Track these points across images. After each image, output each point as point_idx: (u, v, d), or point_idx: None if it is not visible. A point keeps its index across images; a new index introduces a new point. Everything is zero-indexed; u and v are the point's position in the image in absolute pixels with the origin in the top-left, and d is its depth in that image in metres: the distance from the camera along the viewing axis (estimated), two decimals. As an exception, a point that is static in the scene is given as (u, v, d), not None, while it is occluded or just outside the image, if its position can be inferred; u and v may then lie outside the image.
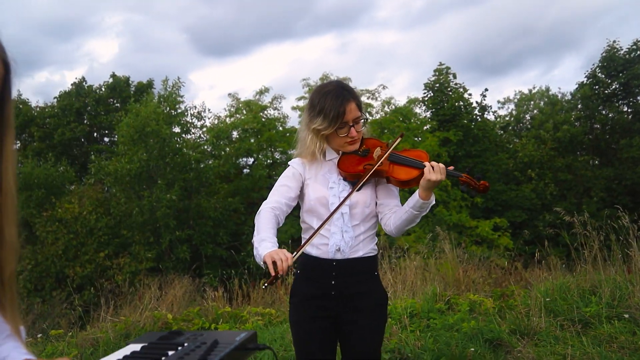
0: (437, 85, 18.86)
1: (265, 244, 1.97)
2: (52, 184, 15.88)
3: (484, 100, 19.73)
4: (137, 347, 1.34)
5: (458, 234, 15.85)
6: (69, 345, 5.27)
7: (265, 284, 1.95)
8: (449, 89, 18.80)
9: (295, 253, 1.98)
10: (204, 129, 18.67)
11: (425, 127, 18.44)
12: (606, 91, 20.17)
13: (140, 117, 14.32)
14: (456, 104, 18.38)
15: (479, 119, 19.88)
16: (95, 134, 25.31)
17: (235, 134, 19.54)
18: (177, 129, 16.70)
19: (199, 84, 48.27)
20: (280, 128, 20.21)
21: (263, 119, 19.68)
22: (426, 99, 19.13)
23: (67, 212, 13.57)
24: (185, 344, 1.33)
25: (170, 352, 1.27)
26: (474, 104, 19.40)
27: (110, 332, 5.38)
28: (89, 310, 8.58)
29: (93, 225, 13.46)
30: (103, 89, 24.77)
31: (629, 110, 20.55)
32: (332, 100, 2.11)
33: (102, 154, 21.68)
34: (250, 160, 20.12)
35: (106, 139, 25.13)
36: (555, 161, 19.88)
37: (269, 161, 19.89)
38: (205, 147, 17.77)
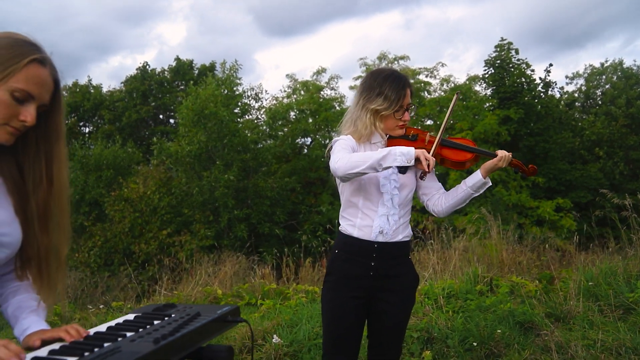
0: (498, 61, 18.22)
1: (394, 148, 2.05)
2: (119, 165, 16.77)
3: (548, 76, 18.86)
4: (131, 316, 1.50)
5: (518, 214, 15.44)
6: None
7: (422, 176, 2.23)
8: (510, 65, 18.13)
9: (432, 154, 2.18)
10: (262, 110, 19.04)
11: (485, 105, 17.91)
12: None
13: (199, 99, 14.78)
14: (518, 80, 17.71)
15: (543, 96, 19.07)
16: (161, 116, 26.40)
17: (292, 114, 19.77)
18: (236, 110, 17.13)
19: (264, 64, 48.78)
20: (338, 108, 20.24)
21: (320, 100, 19.78)
22: (486, 76, 18.55)
23: (132, 191, 14.31)
24: (173, 315, 1.48)
25: (157, 322, 1.42)
26: (537, 80, 18.61)
27: (163, 305, 5.73)
28: (150, 284, 9.12)
29: (156, 204, 14.13)
30: (167, 73, 25.76)
31: None
32: (393, 83, 2.24)
33: (167, 135, 22.60)
34: (308, 140, 20.34)
35: (172, 121, 26.11)
36: (627, 139, 18.83)
37: (326, 141, 20.02)
38: (263, 127, 18.12)
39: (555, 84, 19.37)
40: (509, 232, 6.91)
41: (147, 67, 25.59)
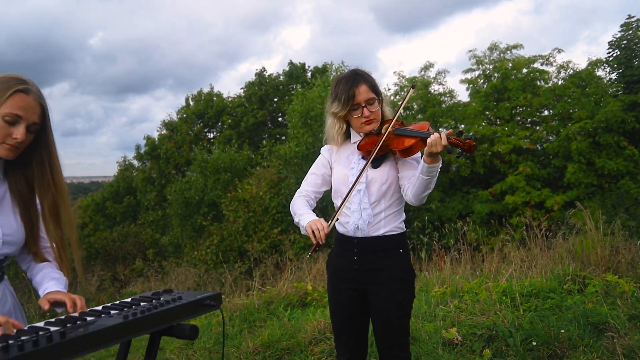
0: (624, 42, 16.61)
1: (305, 216, 2.30)
2: (236, 168, 17.82)
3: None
4: (129, 299, 1.74)
5: (649, 209, 14.02)
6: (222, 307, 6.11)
7: (310, 253, 2.32)
8: (639, 45, 16.44)
9: (330, 222, 2.21)
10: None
11: (610, 91, 16.41)
12: None
13: (306, 101, 15.28)
14: (648, 61, 16.03)
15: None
16: (279, 119, 27.63)
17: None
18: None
19: (387, 62, 49.08)
20: (449, 102, 19.77)
21: (428, 95, 19.46)
22: (610, 59, 16.98)
23: (246, 192, 15.18)
24: (161, 299, 1.70)
25: (143, 303, 1.64)
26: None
27: (255, 300, 6.10)
28: (258, 280, 9.66)
29: (267, 204, 14.84)
30: (281, 77, 26.92)
31: None
32: (343, 85, 2.34)
33: (283, 137, 23.56)
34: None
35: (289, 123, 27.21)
36: None
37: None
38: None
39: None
40: (616, 228, 6.39)
41: (264, 72, 26.94)
